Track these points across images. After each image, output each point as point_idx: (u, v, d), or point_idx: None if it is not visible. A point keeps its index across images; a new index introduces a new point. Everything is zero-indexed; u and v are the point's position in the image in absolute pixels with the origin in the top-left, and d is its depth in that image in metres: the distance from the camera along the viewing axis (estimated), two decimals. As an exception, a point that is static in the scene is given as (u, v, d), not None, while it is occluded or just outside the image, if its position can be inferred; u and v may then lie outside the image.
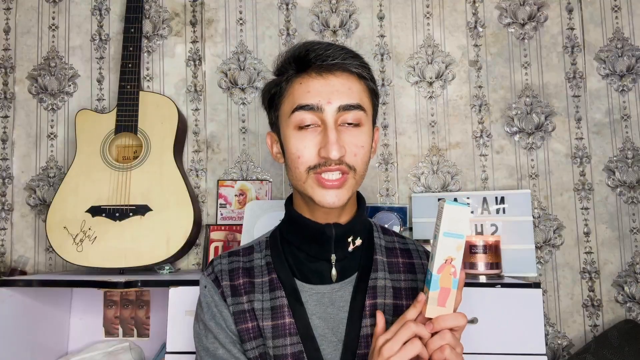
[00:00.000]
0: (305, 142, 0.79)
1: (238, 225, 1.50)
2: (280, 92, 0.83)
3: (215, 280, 0.86)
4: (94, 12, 1.67)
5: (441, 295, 0.70)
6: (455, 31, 1.61)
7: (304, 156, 0.79)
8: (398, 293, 0.85)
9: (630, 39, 1.57)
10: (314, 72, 0.80)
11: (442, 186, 1.56)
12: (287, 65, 0.83)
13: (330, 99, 0.78)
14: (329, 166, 0.77)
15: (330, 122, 0.78)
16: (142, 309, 1.53)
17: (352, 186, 0.81)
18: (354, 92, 0.80)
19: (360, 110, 0.80)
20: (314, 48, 0.80)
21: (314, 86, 0.79)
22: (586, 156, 1.54)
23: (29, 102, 1.64)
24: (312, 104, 0.78)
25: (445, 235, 0.69)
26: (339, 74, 0.80)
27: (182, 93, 1.62)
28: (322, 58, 0.79)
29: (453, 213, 0.69)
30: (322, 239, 0.83)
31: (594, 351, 1.32)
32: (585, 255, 1.51)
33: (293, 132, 0.80)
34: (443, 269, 0.69)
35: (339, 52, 0.79)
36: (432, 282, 0.69)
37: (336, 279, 0.84)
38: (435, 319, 0.69)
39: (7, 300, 1.25)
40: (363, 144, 0.80)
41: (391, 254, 0.89)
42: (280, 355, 0.79)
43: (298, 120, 0.79)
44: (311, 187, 0.79)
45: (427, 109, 1.59)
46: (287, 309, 0.81)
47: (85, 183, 1.43)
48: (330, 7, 1.63)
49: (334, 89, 0.79)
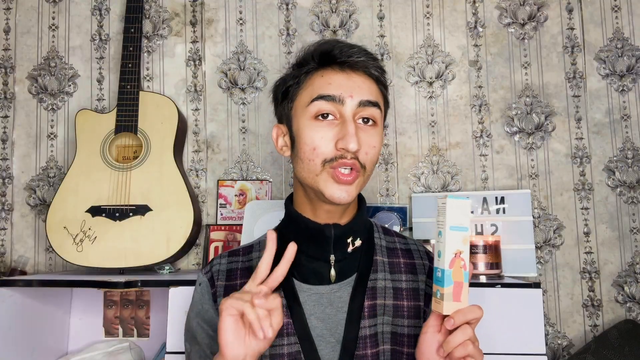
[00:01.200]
0: (322, 134, 0.78)
1: (238, 225, 1.50)
2: (299, 83, 0.83)
3: (210, 279, 0.86)
4: (94, 12, 1.67)
5: (455, 289, 0.70)
6: (455, 31, 1.61)
7: (320, 147, 0.78)
8: (399, 293, 0.85)
9: (630, 39, 1.57)
10: (337, 67, 0.81)
11: (442, 186, 1.56)
12: (309, 59, 0.83)
13: (352, 93, 0.79)
14: (344, 159, 0.77)
15: (349, 115, 0.79)
16: (142, 309, 1.53)
17: (360, 184, 0.81)
18: (373, 92, 0.82)
19: (377, 109, 0.81)
20: (338, 45, 0.82)
21: (336, 79, 0.80)
22: (586, 156, 1.54)
23: (29, 102, 1.64)
24: (334, 95, 0.79)
25: (452, 229, 0.70)
26: (360, 72, 0.82)
27: (182, 93, 1.62)
28: (346, 54, 0.81)
29: (456, 207, 0.70)
30: (321, 239, 0.83)
31: (594, 351, 1.32)
32: (585, 255, 1.51)
33: (309, 122, 0.80)
34: (454, 263, 0.70)
35: (362, 52, 0.82)
36: (445, 278, 0.70)
37: (335, 280, 0.84)
38: (454, 314, 0.69)
39: (7, 300, 1.25)
40: (375, 144, 0.81)
41: (392, 254, 0.89)
42: (276, 354, 0.79)
43: (316, 109, 0.79)
44: (324, 181, 0.79)
45: (427, 109, 1.59)
46: (284, 309, 0.81)
47: (85, 183, 1.43)
48: (330, 7, 1.63)
49: (356, 84, 0.80)
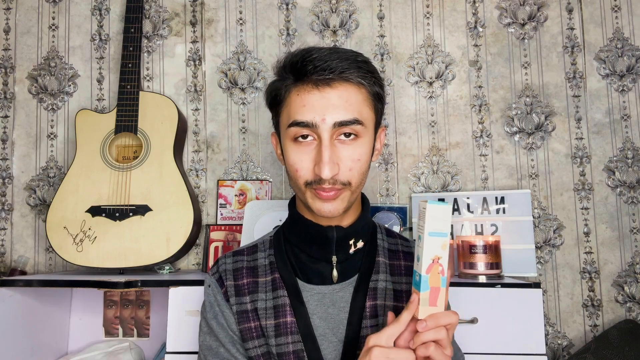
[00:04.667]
0: (302, 156, 0.78)
1: (238, 225, 1.50)
2: (280, 98, 0.82)
3: (219, 279, 0.87)
4: (94, 12, 1.66)
5: (432, 295, 0.70)
6: (455, 31, 1.61)
7: (301, 170, 0.78)
8: (399, 295, 0.85)
9: (630, 39, 1.57)
10: (311, 84, 0.77)
11: (442, 186, 1.56)
12: (286, 73, 0.81)
13: (325, 115, 0.75)
14: (322, 185, 0.77)
15: (325, 138, 0.76)
16: (142, 309, 1.53)
17: (348, 197, 0.80)
18: (352, 104, 0.77)
19: (357, 125, 0.77)
20: (312, 58, 0.76)
21: (309, 100, 0.77)
22: (586, 156, 1.54)
23: (29, 102, 1.64)
24: (307, 121, 0.76)
25: (430, 235, 0.70)
26: (336, 85, 0.77)
27: (182, 93, 1.62)
28: (318, 71, 0.75)
29: (436, 212, 0.70)
30: (323, 241, 0.84)
31: (594, 351, 1.32)
32: (585, 255, 1.51)
33: (291, 144, 0.79)
34: (431, 269, 0.70)
35: (338, 63, 0.76)
36: (421, 283, 0.70)
37: (337, 280, 0.84)
38: (429, 317, 0.69)
39: (7, 300, 1.25)
40: (359, 157, 0.79)
41: (394, 256, 0.89)
42: (283, 353, 0.80)
43: (294, 133, 0.78)
44: (311, 198, 0.80)
45: (427, 109, 1.59)
46: (288, 308, 0.82)
47: (85, 183, 1.43)
48: (330, 7, 1.63)
49: (330, 103, 0.76)
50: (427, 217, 0.70)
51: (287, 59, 0.81)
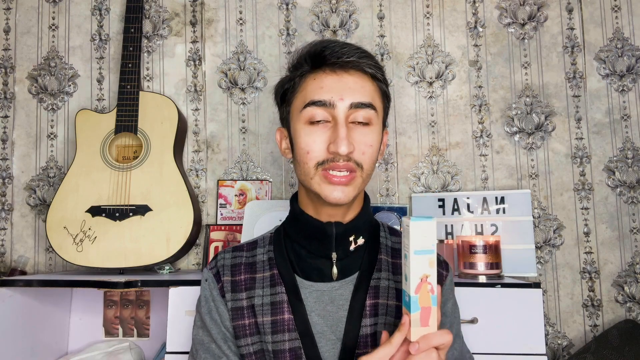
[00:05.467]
0: (315, 137, 0.79)
1: (238, 225, 1.50)
2: (294, 87, 0.84)
3: (216, 274, 0.87)
4: (94, 12, 1.67)
5: (423, 315, 0.68)
6: (455, 31, 1.61)
7: (313, 151, 0.79)
8: (401, 294, 0.85)
9: (630, 39, 1.57)
10: (328, 69, 0.81)
11: (442, 186, 1.56)
12: (302, 61, 0.83)
13: (343, 96, 0.79)
14: (337, 162, 0.78)
15: (341, 118, 0.78)
16: (142, 309, 1.53)
17: (359, 184, 0.81)
18: (367, 91, 0.81)
19: (371, 109, 0.80)
20: (330, 45, 0.80)
21: (327, 82, 0.80)
22: (586, 156, 1.54)
23: (29, 102, 1.64)
24: (325, 100, 0.79)
25: (416, 254, 0.67)
26: (352, 72, 0.81)
27: (182, 93, 1.62)
28: (337, 55, 0.79)
29: (420, 229, 0.68)
30: (322, 237, 0.83)
31: (594, 351, 1.32)
32: (585, 255, 1.51)
33: (303, 127, 0.80)
34: (420, 288, 0.68)
35: (354, 51, 0.80)
36: (411, 304, 0.68)
37: (337, 278, 0.84)
38: (421, 338, 0.68)
39: (7, 300, 1.25)
40: (372, 142, 0.80)
41: (397, 255, 0.89)
42: (279, 350, 0.79)
43: (309, 115, 0.79)
44: (318, 184, 0.80)
45: (427, 109, 1.59)
46: (286, 305, 0.82)
47: (85, 183, 1.43)
48: (330, 7, 1.63)
49: (347, 86, 0.79)
50: (411, 235, 0.67)
51: (304, 49, 0.84)
